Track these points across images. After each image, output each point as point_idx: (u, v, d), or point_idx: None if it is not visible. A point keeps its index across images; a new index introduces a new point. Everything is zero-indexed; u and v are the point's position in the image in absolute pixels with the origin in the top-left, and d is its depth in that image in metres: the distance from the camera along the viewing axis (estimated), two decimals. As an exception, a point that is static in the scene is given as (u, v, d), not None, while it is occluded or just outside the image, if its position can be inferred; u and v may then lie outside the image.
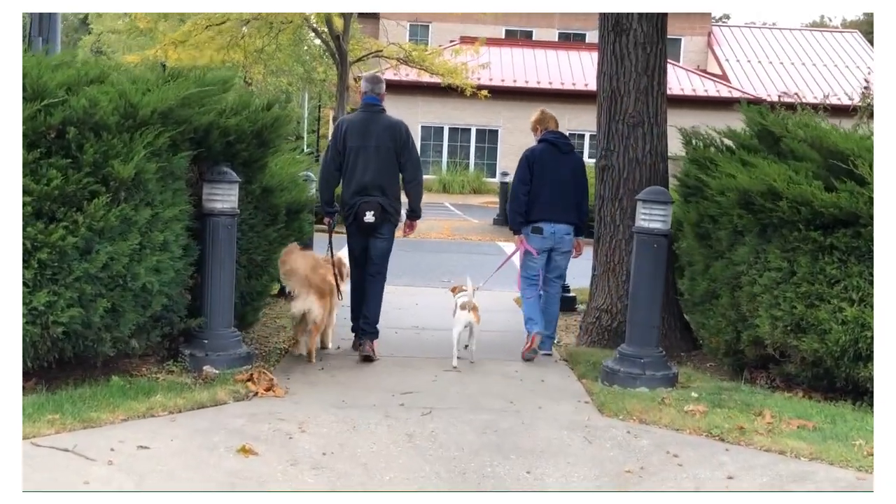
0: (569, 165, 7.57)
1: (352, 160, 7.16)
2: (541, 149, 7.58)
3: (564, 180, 7.48)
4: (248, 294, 7.15)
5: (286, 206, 7.55)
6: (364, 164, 7.13)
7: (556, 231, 7.48)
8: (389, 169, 7.18)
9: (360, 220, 7.13)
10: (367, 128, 7.16)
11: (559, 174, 7.48)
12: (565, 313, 10.51)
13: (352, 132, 7.17)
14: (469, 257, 16.25)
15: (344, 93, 24.73)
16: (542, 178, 7.42)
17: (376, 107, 7.26)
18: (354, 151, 7.14)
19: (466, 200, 31.78)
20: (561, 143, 7.62)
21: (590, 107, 31.82)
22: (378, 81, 7.37)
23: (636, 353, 6.46)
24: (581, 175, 7.62)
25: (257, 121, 6.81)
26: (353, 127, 7.19)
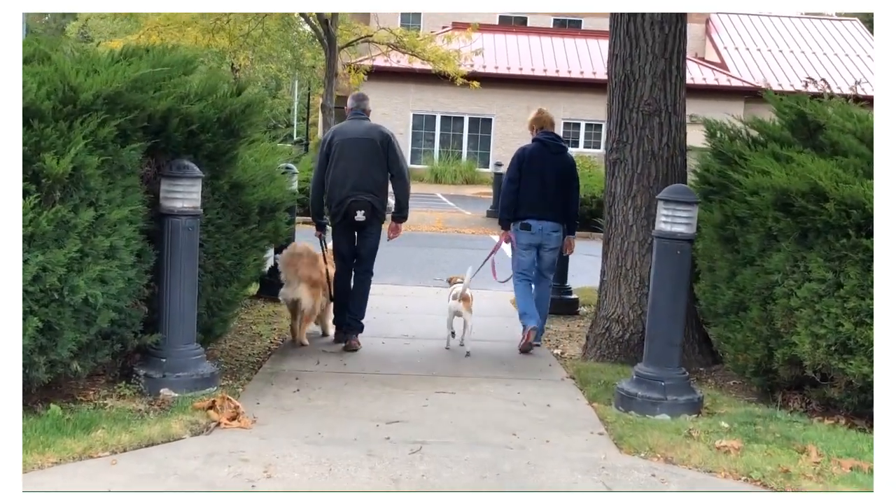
0: (558, 165, 7.63)
1: (337, 155, 7.28)
2: (532, 148, 7.67)
3: (553, 180, 7.54)
4: (215, 304, 6.31)
5: (259, 203, 6.70)
6: (351, 160, 7.24)
7: (543, 228, 7.56)
8: (376, 165, 7.28)
9: (350, 219, 7.22)
10: (352, 128, 7.39)
11: (548, 174, 7.55)
12: (567, 317, 9.76)
13: (339, 132, 7.37)
14: (462, 253, 15.42)
15: (332, 79, 23.84)
16: (532, 176, 7.51)
17: (362, 115, 7.52)
18: (340, 147, 7.27)
19: (459, 191, 30.94)
20: (552, 144, 7.69)
21: (586, 95, 31.09)
22: (364, 99, 7.66)
23: (656, 374, 5.66)
24: (569, 175, 7.67)
25: (225, 107, 5.98)
26: (340, 130, 7.41)
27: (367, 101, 7.65)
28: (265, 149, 8.43)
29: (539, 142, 7.71)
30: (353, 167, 7.23)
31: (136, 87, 5.17)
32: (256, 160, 7.55)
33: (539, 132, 7.78)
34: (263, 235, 6.92)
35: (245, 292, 6.89)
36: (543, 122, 7.84)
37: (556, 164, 7.64)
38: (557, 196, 7.57)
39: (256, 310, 9.35)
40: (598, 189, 21.10)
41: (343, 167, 7.25)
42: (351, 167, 7.23)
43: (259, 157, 7.81)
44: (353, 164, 7.23)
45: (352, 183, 7.20)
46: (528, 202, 7.55)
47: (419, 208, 19.54)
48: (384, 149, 7.30)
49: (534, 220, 7.55)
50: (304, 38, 33.62)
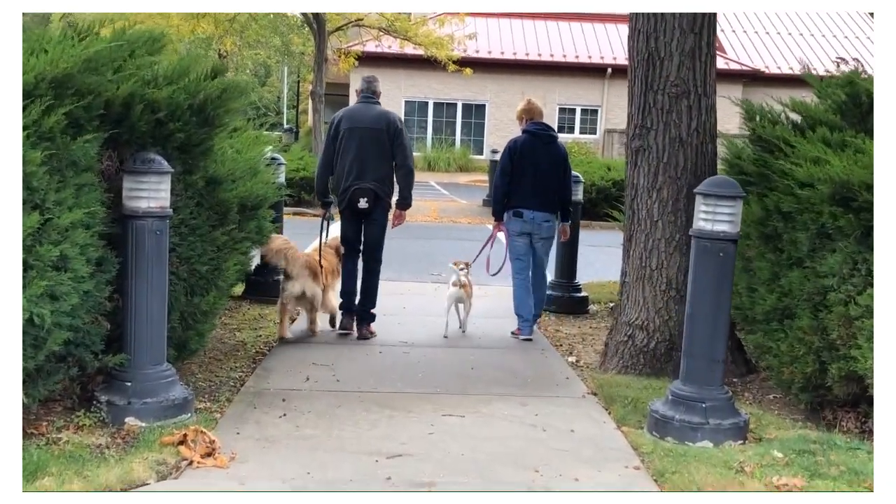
0: (550, 155, 7.65)
1: (345, 143, 7.32)
2: (523, 139, 7.68)
3: (544, 170, 7.58)
4: (189, 315, 5.55)
5: (239, 201, 5.93)
6: (357, 146, 7.28)
7: (534, 217, 7.61)
8: (381, 153, 7.32)
9: (353, 206, 7.30)
10: (361, 114, 7.38)
11: (539, 164, 7.57)
12: (577, 317, 9.06)
13: (347, 118, 7.37)
14: (460, 244, 14.68)
15: (322, 65, 23.00)
16: (523, 168, 7.54)
17: (371, 99, 7.50)
18: (348, 135, 7.31)
19: (453, 179, 30.19)
20: (542, 134, 7.70)
21: (581, 80, 30.34)
22: (374, 80, 7.67)
23: (696, 394, 4.93)
24: (561, 165, 7.71)
25: (198, 92, 5.21)
26: (348, 114, 7.43)
27: (378, 82, 7.65)
28: (248, 138, 7.69)
29: (529, 133, 7.71)
30: (359, 156, 7.29)
31: (89, 69, 4.41)
32: (238, 151, 6.81)
33: (529, 123, 7.78)
34: (245, 237, 6.15)
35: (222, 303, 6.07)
36: (533, 113, 7.82)
37: (547, 154, 7.66)
38: (550, 186, 7.63)
39: (241, 313, 8.62)
40: (597, 177, 20.40)
41: (350, 156, 7.31)
42: (357, 156, 7.29)
43: (241, 147, 7.07)
44: (360, 154, 7.29)
45: (357, 171, 7.28)
46: (521, 194, 7.60)
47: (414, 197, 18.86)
48: (391, 138, 7.34)
49: (526, 210, 7.60)
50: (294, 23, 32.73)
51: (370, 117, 7.37)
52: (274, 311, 8.66)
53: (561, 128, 34.04)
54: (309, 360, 6.63)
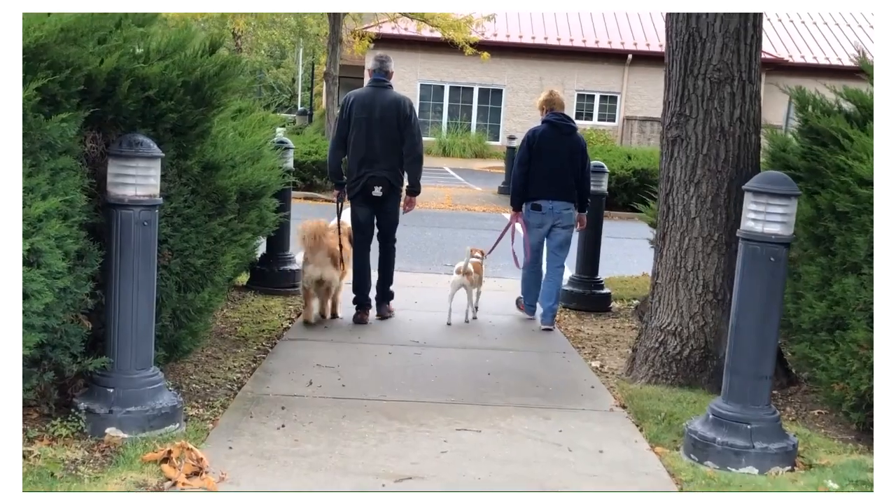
0: (569, 146, 7.64)
1: (357, 131, 7.33)
2: (542, 129, 7.69)
3: (563, 160, 7.58)
4: (182, 313, 5.08)
5: (239, 188, 5.42)
6: (369, 135, 7.30)
7: (553, 207, 7.61)
8: (393, 141, 7.33)
9: (367, 193, 7.35)
10: (372, 101, 7.35)
11: (558, 154, 7.58)
12: (599, 315, 8.58)
13: (358, 104, 7.35)
14: (475, 234, 14.19)
15: (336, 46, 22.48)
16: (542, 158, 7.55)
17: (383, 82, 7.45)
18: (360, 123, 7.31)
19: (468, 165, 29.65)
20: (562, 125, 7.71)
21: (601, 65, 29.75)
22: (387, 60, 7.62)
23: (739, 414, 4.43)
24: (579, 155, 7.68)
25: (194, 69, 4.72)
26: (360, 99, 7.38)
27: (390, 62, 7.62)
28: (254, 120, 7.21)
29: (549, 123, 7.71)
30: (372, 144, 7.32)
31: (67, 39, 3.91)
32: (241, 134, 6.32)
33: (549, 113, 7.77)
34: (245, 227, 5.65)
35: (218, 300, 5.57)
36: (553, 104, 7.82)
37: (566, 144, 7.66)
38: (569, 176, 7.62)
39: (245, 304, 8.15)
40: (616, 165, 19.82)
41: (362, 144, 7.34)
42: (370, 144, 7.32)
43: (245, 129, 6.59)
44: (372, 142, 7.32)
45: (370, 159, 7.32)
46: (540, 183, 7.61)
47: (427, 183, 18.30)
48: (402, 125, 7.33)
49: (544, 201, 7.60)
50: (308, 3, 32.20)
51: (382, 104, 7.33)
52: (279, 304, 8.23)
53: (579, 114, 33.48)
54: (314, 360, 6.15)
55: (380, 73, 7.49)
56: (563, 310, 8.73)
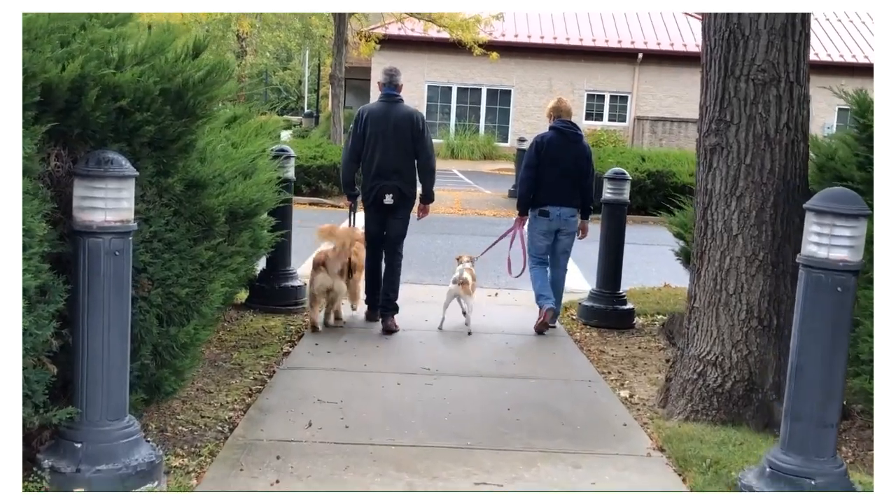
0: (575, 153, 7.78)
1: (371, 146, 7.54)
2: (549, 136, 7.82)
3: (569, 167, 7.71)
4: (165, 349, 4.51)
5: (228, 208, 4.83)
6: (383, 149, 7.50)
7: (560, 214, 7.73)
8: (406, 154, 7.56)
9: (379, 202, 7.54)
10: (386, 115, 7.56)
11: (565, 161, 7.71)
12: (621, 333, 8.02)
13: (372, 119, 7.57)
14: (486, 241, 13.54)
15: (342, 47, 21.92)
16: (549, 164, 7.67)
17: (395, 97, 7.67)
18: (374, 137, 7.52)
19: (476, 167, 29.06)
20: (568, 132, 7.84)
21: (611, 65, 29.06)
22: (396, 73, 7.83)
23: (802, 468, 3.84)
24: (584, 161, 7.82)
25: (175, 75, 4.15)
26: (374, 114, 7.60)
27: (400, 75, 7.85)
28: (250, 128, 6.65)
29: (556, 130, 7.83)
30: (385, 158, 7.50)
31: (21, 42, 3.35)
32: (234, 144, 5.77)
33: (556, 120, 7.89)
34: (236, 251, 5.06)
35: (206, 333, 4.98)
36: (561, 112, 7.95)
37: (573, 151, 7.78)
38: (575, 183, 7.74)
39: (243, 325, 7.59)
40: (630, 168, 19.13)
41: (376, 158, 7.52)
42: (383, 158, 7.51)
43: (240, 139, 6.03)
44: (386, 156, 7.50)
45: (383, 171, 7.51)
46: (547, 190, 7.72)
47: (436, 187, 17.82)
48: (414, 137, 7.54)
49: (552, 207, 7.71)
50: (313, 5, 31.66)
51: (395, 119, 7.55)
52: (279, 324, 7.68)
53: (589, 115, 32.89)
54: (314, 393, 5.59)
55: (390, 88, 7.71)
56: (584, 327, 8.17)
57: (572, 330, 8.08)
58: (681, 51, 32.45)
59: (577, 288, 10.84)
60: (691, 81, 32.87)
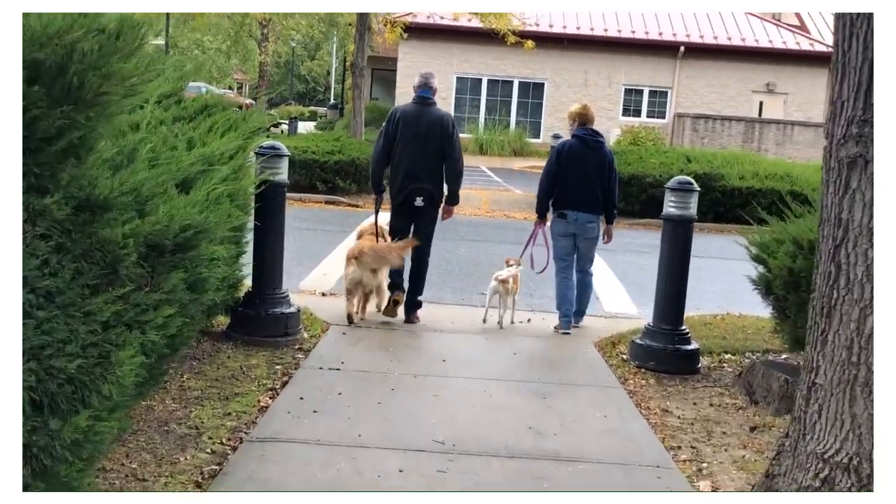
0: (596, 161, 7.87)
1: (402, 147, 7.67)
2: (570, 143, 7.92)
3: (590, 174, 7.81)
4: (43, 451, 3.00)
5: (144, 239, 3.30)
6: (413, 151, 7.64)
7: (578, 218, 7.82)
8: (436, 156, 7.70)
9: (409, 204, 7.71)
10: (418, 118, 7.72)
11: (585, 168, 7.81)
12: (686, 380, 6.51)
13: (404, 122, 7.70)
14: (516, 250, 12.02)
15: (364, 35, 20.38)
16: (569, 171, 7.79)
17: (428, 100, 7.84)
18: (405, 139, 7.67)
19: (506, 164, 27.53)
20: (590, 140, 7.94)
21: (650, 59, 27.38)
22: (431, 76, 8.02)
23: None
24: (606, 169, 7.91)
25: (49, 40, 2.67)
26: (407, 117, 7.73)
27: (434, 78, 8.04)
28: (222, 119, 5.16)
29: (578, 138, 7.92)
30: (416, 161, 7.63)
31: None
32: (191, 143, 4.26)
33: (579, 128, 7.98)
34: (163, 299, 3.52)
35: (110, 426, 3.42)
36: (586, 119, 8.03)
37: (594, 158, 7.87)
38: (596, 190, 7.83)
39: (217, 364, 6.14)
40: (675, 169, 17.58)
41: (406, 158, 7.66)
42: (414, 161, 7.63)
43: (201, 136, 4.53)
44: (417, 159, 7.63)
45: (413, 172, 7.64)
46: (567, 197, 7.83)
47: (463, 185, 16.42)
48: (444, 139, 7.66)
49: (570, 211, 7.83)
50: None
51: (428, 121, 7.68)
52: (263, 362, 6.28)
53: (626, 110, 31.30)
54: (284, 485, 4.08)
55: (424, 90, 7.85)
56: (638, 371, 6.67)
57: (624, 376, 6.55)
58: (725, 44, 30.79)
59: (623, 311, 9.34)
60: (736, 77, 31.25)
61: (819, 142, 31.61)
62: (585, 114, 8.05)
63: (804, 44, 31.54)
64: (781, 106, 31.43)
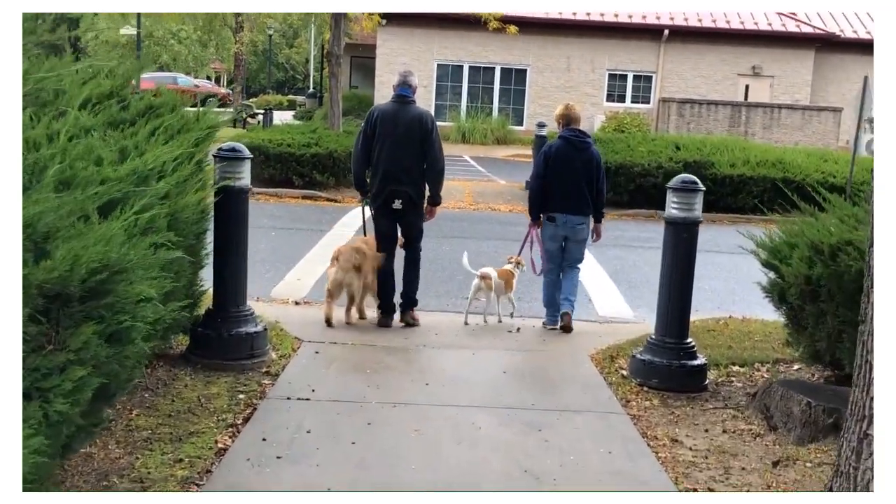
0: (583, 161, 7.83)
1: (380, 147, 7.56)
2: (557, 145, 7.92)
3: (577, 175, 7.81)
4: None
5: (41, 289, 2.52)
6: (391, 150, 7.51)
7: (567, 221, 7.82)
8: (415, 156, 7.56)
9: (388, 206, 7.59)
10: (396, 116, 7.60)
11: (573, 170, 7.81)
12: (693, 400, 5.95)
13: (382, 120, 7.60)
14: (503, 246, 11.48)
15: (340, 21, 19.60)
16: (557, 173, 7.81)
17: (407, 98, 7.70)
18: (383, 138, 7.55)
19: (489, 153, 26.87)
20: (576, 141, 7.90)
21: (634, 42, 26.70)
22: (410, 74, 7.87)
23: None
24: (594, 170, 7.89)
25: None
26: (384, 116, 7.63)
27: (414, 76, 7.89)
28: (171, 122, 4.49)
29: (564, 139, 7.91)
30: (394, 160, 7.49)
31: None
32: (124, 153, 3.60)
33: (565, 129, 7.98)
34: (71, 359, 2.78)
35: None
36: (571, 119, 8.01)
37: (581, 160, 7.84)
38: (583, 191, 7.83)
39: (172, 393, 5.52)
40: (664, 157, 17.06)
41: (385, 158, 7.52)
42: (392, 160, 7.49)
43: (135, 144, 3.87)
44: (395, 158, 7.49)
45: (393, 174, 7.50)
46: (555, 199, 7.84)
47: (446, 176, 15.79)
48: (423, 138, 7.53)
49: (559, 214, 7.83)
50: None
51: (405, 120, 7.54)
52: (225, 390, 5.64)
53: (610, 96, 30.64)
54: None
55: (404, 88, 7.68)
56: (641, 390, 6.07)
57: (626, 396, 5.94)
58: (710, 27, 30.19)
59: (618, 314, 8.77)
60: (721, 60, 30.63)
61: (807, 125, 31.16)
62: (570, 114, 8.03)
63: (790, 26, 30.94)
64: (768, 89, 30.87)
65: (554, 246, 7.94)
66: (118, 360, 3.10)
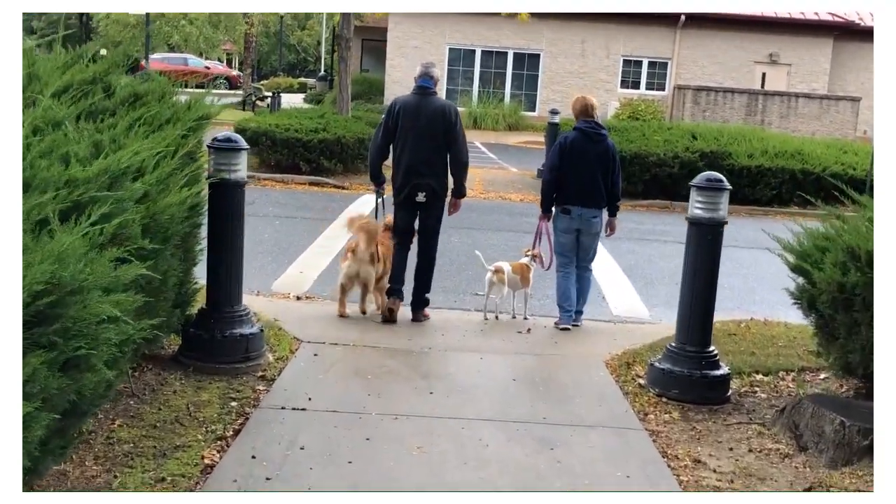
0: (598, 153, 7.71)
1: (402, 140, 7.46)
2: (573, 137, 7.79)
3: (592, 168, 7.69)
4: None
5: None
6: (414, 143, 7.40)
7: (582, 214, 7.68)
8: (438, 148, 7.46)
9: (411, 200, 7.49)
10: (418, 109, 7.47)
11: (588, 162, 7.69)
12: (716, 413, 5.58)
13: (404, 113, 7.48)
14: (515, 238, 11.12)
15: (350, 3, 19.21)
16: (572, 165, 7.68)
17: (429, 90, 7.59)
18: (405, 131, 7.43)
19: (500, 139, 26.44)
20: (592, 133, 7.76)
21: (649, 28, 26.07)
22: (432, 66, 7.78)
23: None
24: (609, 162, 7.76)
25: None
26: (407, 108, 7.51)
27: (436, 68, 7.82)
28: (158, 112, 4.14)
29: (580, 131, 7.78)
30: (417, 153, 7.39)
31: None
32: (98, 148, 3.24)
33: (580, 120, 7.85)
34: None
35: None
36: (585, 111, 7.90)
37: (596, 152, 7.72)
38: (599, 184, 7.71)
39: (160, 399, 5.19)
40: (680, 147, 16.64)
41: (407, 151, 7.42)
42: (416, 153, 7.39)
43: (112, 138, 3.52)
44: (418, 151, 7.38)
45: (415, 166, 7.39)
46: (570, 191, 7.69)
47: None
48: (446, 130, 7.42)
49: (574, 207, 7.68)
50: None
51: (427, 112, 7.42)
52: (216, 396, 5.32)
53: (624, 82, 30.16)
54: None
55: (425, 80, 7.57)
56: (659, 401, 5.69)
57: (644, 409, 5.57)
58: (727, 13, 29.59)
59: (633, 314, 8.40)
60: (738, 47, 30.11)
61: (824, 114, 30.63)
62: (585, 106, 7.91)
63: (808, 13, 30.36)
64: (785, 77, 30.34)
65: (568, 238, 7.80)
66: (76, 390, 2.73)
